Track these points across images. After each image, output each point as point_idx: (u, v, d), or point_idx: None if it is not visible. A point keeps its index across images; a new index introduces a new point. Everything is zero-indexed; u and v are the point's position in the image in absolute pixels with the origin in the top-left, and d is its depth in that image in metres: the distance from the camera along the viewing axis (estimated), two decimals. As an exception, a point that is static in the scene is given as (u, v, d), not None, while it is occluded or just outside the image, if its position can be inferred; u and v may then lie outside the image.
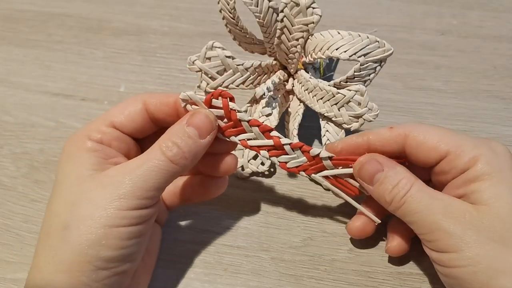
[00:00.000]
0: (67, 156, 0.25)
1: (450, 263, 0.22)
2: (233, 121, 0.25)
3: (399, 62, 0.41)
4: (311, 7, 0.26)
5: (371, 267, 0.29)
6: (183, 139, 0.24)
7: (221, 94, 0.25)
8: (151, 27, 0.45)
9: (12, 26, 0.46)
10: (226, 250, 0.30)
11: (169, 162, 0.23)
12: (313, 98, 0.30)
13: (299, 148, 0.26)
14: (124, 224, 0.22)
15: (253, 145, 0.26)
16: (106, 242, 0.22)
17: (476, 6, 0.46)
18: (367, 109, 0.27)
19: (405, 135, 0.25)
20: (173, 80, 0.41)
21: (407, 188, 0.24)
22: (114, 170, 0.23)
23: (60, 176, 0.24)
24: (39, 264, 0.22)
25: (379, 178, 0.25)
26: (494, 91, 0.39)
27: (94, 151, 0.24)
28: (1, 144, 0.36)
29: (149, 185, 0.23)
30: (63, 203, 0.23)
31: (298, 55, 0.29)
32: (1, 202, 0.33)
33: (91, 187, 0.23)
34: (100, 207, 0.22)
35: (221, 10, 0.29)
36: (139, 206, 0.23)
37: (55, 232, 0.22)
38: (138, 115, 0.26)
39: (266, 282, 0.29)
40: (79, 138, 0.25)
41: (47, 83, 0.40)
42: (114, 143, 0.26)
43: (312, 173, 0.27)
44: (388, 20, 0.45)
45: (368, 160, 0.25)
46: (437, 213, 0.23)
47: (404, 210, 0.24)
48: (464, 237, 0.22)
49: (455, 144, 0.24)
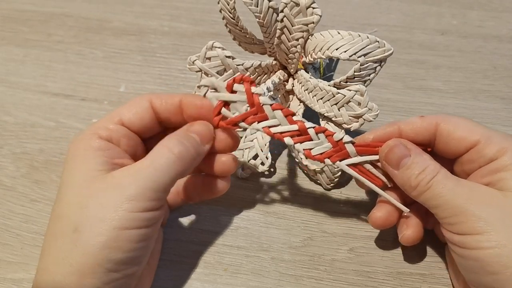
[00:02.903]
0: (73, 155, 0.24)
1: (474, 244, 0.22)
2: (256, 106, 0.25)
3: (399, 62, 0.41)
4: (311, 7, 0.26)
5: (371, 267, 0.29)
6: (187, 138, 0.24)
7: (243, 79, 0.25)
8: (151, 27, 0.45)
9: (12, 26, 0.46)
10: (226, 250, 0.30)
11: (176, 158, 0.23)
12: (313, 98, 0.30)
13: (323, 132, 0.26)
14: (134, 226, 0.22)
15: (276, 131, 0.25)
16: (117, 245, 0.22)
17: (476, 6, 0.46)
18: (367, 109, 0.27)
19: (436, 124, 0.26)
20: (173, 80, 0.41)
21: (433, 174, 0.24)
22: (122, 171, 0.23)
23: (66, 176, 0.24)
24: (48, 267, 0.22)
25: (406, 163, 0.25)
26: (494, 91, 0.39)
27: (101, 150, 0.24)
28: (1, 144, 0.36)
29: (158, 185, 0.23)
30: (72, 205, 0.22)
31: (298, 55, 0.29)
32: (1, 202, 0.33)
33: (100, 189, 0.22)
34: (111, 209, 0.22)
35: (221, 10, 0.29)
36: (149, 208, 0.23)
37: (65, 234, 0.22)
38: (146, 114, 0.26)
39: (266, 282, 0.29)
40: (86, 136, 0.25)
41: (47, 83, 0.40)
42: (123, 140, 0.25)
43: (337, 160, 0.26)
44: (388, 20, 0.45)
45: (397, 144, 0.25)
46: (463, 197, 0.23)
47: (429, 194, 0.24)
48: (490, 220, 0.22)
49: (485, 135, 0.25)
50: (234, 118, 0.25)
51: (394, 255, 0.29)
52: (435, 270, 0.29)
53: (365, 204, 0.32)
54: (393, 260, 0.29)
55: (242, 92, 0.25)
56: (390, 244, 0.30)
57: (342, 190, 0.33)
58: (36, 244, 0.30)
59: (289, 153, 0.35)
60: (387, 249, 0.30)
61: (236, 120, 0.25)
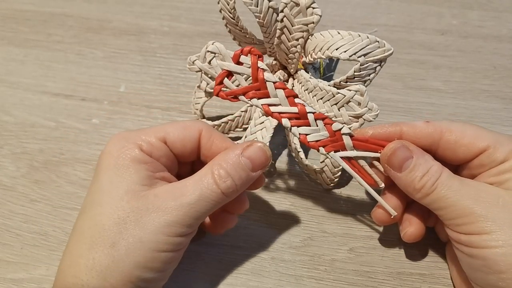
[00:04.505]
0: (115, 163, 0.24)
1: (480, 243, 0.22)
2: (259, 81, 0.24)
3: (399, 62, 0.41)
4: (311, 7, 0.26)
5: (371, 267, 0.29)
6: (237, 170, 0.24)
7: (251, 51, 0.24)
8: (151, 27, 0.45)
9: (12, 26, 0.46)
10: (226, 250, 0.30)
11: (221, 194, 0.23)
12: (313, 98, 0.30)
13: (322, 119, 0.25)
14: (169, 249, 0.23)
15: (275, 111, 0.25)
16: (151, 265, 0.22)
17: (476, 6, 0.46)
18: (367, 109, 0.27)
19: (441, 131, 0.25)
20: (173, 80, 0.41)
21: (438, 175, 0.24)
22: (166, 192, 0.23)
23: (107, 184, 0.23)
24: (80, 275, 0.22)
25: (408, 165, 0.25)
26: (494, 91, 0.39)
27: (144, 163, 0.24)
28: (1, 144, 0.36)
29: (198, 214, 0.23)
30: (111, 217, 0.22)
31: (298, 55, 0.29)
32: (1, 202, 0.33)
33: (141, 207, 0.22)
34: (150, 231, 0.22)
35: (221, 10, 0.29)
36: (185, 233, 0.23)
37: (102, 247, 0.22)
38: (191, 143, 0.26)
39: (266, 282, 0.29)
40: (129, 146, 0.24)
41: (47, 83, 0.40)
42: (162, 159, 0.25)
43: (332, 151, 0.26)
44: (388, 20, 0.45)
45: (399, 146, 0.25)
46: (469, 197, 0.23)
47: (435, 196, 0.24)
48: (497, 219, 0.22)
49: (493, 139, 0.25)
50: (236, 90, 0.25)
51: (394, 255, 0.29)
52: (435, 270, 0.29)
53: (365, 204, 0.32)
54: (393, 260, 0.29)
55: (247, 64, 0.24)
56: (390, 244, 0.30)
57: (342, 190, 0.33)
58: (36, 244, 0.30)
59: (289, 153, 0.35)
60: (387, 249, 0.30)
61: (237, 92, 0.25)
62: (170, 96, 0.39)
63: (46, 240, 0.31)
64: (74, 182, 0.34)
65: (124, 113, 0.38)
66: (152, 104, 0.39)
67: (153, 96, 0.39)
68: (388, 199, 0.27)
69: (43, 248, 0.30)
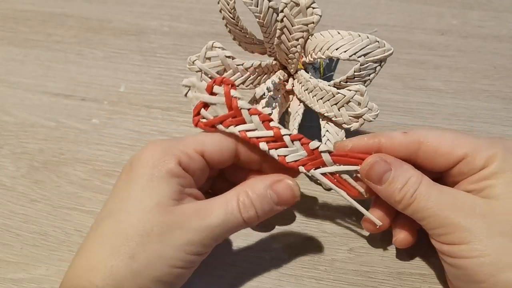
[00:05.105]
0: (151, 174, 0.23)
1: (459, 254, 0.23)
2: (234, 110, 0.25)
3: (399, 62, 0.41)
4: (311, 7, 0.26)
5: (371, 267, 0.29)
6: (262, 203, 0.24)
7: (223, 81, 0.25)
8: (151, 27, 0.45)
9: (12, 26, 0.46)
10: (227, 250, 0.30)
11: (243, 222, 0.23)
12: (313, 98, 0.30)
13: (298, 140, 0.26)
14: (184, 266, 0.23)
15: (252, 136, 0.25)
16: (168, 280, 0.23)
17: (476, 6, 0.46)
18: (367, 109, 0.27)
19: (419, 142, 0.25)
20: (173, 80, 0.40)
21: (416, 186, 0.24)
22: (192, 210, 0.23)
23: (139, 193, 0.23)
24: (95, 281, 0.22)
25: (387, 178, 0.25)
26: (494, 91, 0.39)
27: (178, 178, 0.24)
28: (1, 144, 0.36)
29: (218, 236, 0.23)
30: (136, 228, 0.22)
31: (298, 55, 0.29)
32: (1, 202, 0.33)
33: (167, 222, 0.22)
34: (171, 247, 0.22)
35: (221, 10, 0.29)
36: (202, 252, 0.23)
37: (122, 256, 0.22)
38: (229, 153, 0.25)
39: (266, 282, 0.29)
40: (168, 158, 0.24)
41: (47, 83, 0.40)
42: (198, 172, 0.25)
43: (311, 169, 0.26)
44: (388, 20, 0.45)
45: (377, 160, 0.25)
46: (447, 208, 0.23)
47: (414, 208, 0.24)
48: (474, 230, 0.22)
49: (472, 146, 0.24)
50: (212, 120, 0.25)
51: (394, 255, 0.29)
52: (435, 270, 0.29)
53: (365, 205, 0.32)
54: (393, 260, 0.29)
55: (221, 94, 0.25)
56: (390, 244, 0.30)
57: (342, 190, 0.33)
58: (36, 244, 0.31)
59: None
60: (387, 249, 0.30)
61: (214, 122, 0.25)
62: (170, 96, 0.39)
63: (46, 240, 0.31)
64: (74, 182, 0.34)
65: (124, 113, 0.38)
66: (152, 104, 0.39)
67: (153, 96, 0.39)
68: (379, 207, 0.27)
69: (43, 248, 0.30)
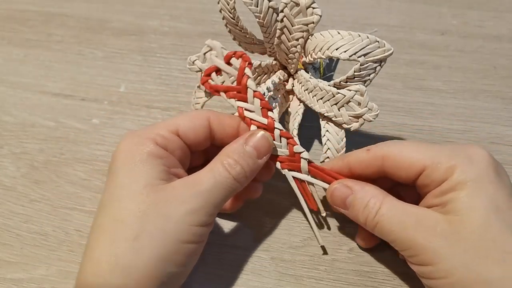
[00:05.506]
0: (132, 159, 0.23)
1: (429, 275, 0.23)
2: (241, 86, 0.26)
3: (399, 62, 0.41)
4: (311, 7, 0.26)
5: (371, 267, 0.29)
6: (244, 158, 0.24)
7: (242, 56, 0.26)
8: (151, 27, 0.45)
9: (12, 26, 0.46)
10: (226, 250, 0.30)
11: (233, 179, 0.24)
12: (313, 98, 0.30)
13: (287, 138, 0.27)
14: (192, 240, 0.23)
15: (248, 116, 0.26)
16: (175, 258, 0.22)
17: (476, 6, 0.46)
18: (367, 109, 0.27)
19: (381, 157, 0.25)
20: (173, 80, 0.41)
21: (377, 207, 0.24)
22: (182, 183, 0.23)
23: (125, 179, 0.23)
24: (103, 274, 0.21)
25: (350, 202, 0.25)
26: (494, 91, 0.39)
27: (160, 158, 0.24)
28: (1, 144, 0.36)
29: (217, 201, 0.23)
30: (131, 211, 0.22)
31: (298, 55, 0.29)
32: (1, 202, 0.33)
33: (161, 199, 0.22)
34: (173, 220, 0.22)
35: (221, 10, 0.29)
36: (206, 222, 0.23)
37: (124, 241, 0.22)
38: (203, 131, 0.26)
39: (266, 282, 0.29)
40: (143, 141, 0.24)
41: (47, 83, 0.40)
42: (177, 152, 0.25)
43: (287, 169, 0.27)
44: (388, 20, 0.45)
45: (336, 187, 0.26)
46: (410, 228, 0.23)
47: (379, 230, 0.24)
48: (437, 250, 0.22)
49: (430, 158, 0.24)
50: (218, 86, 0.27)
51: (394, 255, 0.29)
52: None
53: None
54: (393, 260, 0.29)
55: (236, 67, 0.26)
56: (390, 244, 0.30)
57: (342, 190, 0.33)
58: (36, 244, 0.31)
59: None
60: (387, 249, 0.30)
61: (220, 88, 0.27)
62: (170, 96, 0.39)
63: (46, 240, 0.31)
64: (74, 182, 0.34)
65: (124, 113, 0.38)
66: (152, 104, 0.39)
67: (153, 96, 0.39)
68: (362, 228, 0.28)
69: (43, 248, 0.30)
